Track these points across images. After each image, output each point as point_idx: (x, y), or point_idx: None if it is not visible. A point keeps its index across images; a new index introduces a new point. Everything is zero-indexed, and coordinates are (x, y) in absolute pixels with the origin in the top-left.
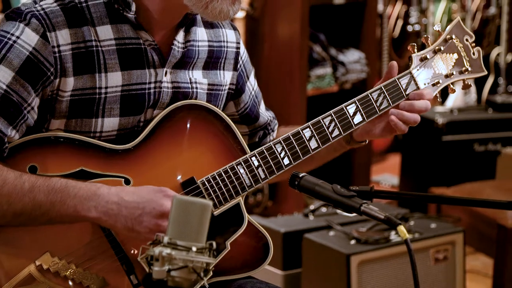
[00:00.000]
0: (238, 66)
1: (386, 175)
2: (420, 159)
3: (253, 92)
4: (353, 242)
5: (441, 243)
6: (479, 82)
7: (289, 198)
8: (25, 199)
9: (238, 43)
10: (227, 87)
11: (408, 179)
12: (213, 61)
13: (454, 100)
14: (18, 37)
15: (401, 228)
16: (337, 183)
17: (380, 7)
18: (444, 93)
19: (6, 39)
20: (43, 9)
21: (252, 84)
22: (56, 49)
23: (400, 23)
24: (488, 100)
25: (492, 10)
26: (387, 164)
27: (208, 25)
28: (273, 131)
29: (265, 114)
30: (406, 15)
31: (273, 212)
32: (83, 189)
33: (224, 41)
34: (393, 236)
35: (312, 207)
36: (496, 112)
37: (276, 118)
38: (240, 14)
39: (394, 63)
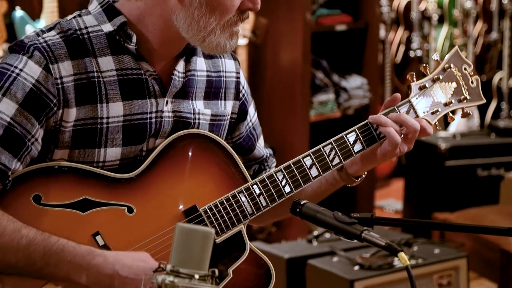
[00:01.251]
0: (241, 95)
1: (390, 200)
2: (423, 184)
3: (250, 124)
4: (356, 268)
5: (445, 268)
6: (482, 107)
7: (292, 224)
8: (19, 254)
9: (238, 72)
10: (229, 117)
11: (412, 204)
12: (213, 91)
13: (456, 125)
14: (21, 70)
15: (402, 255)
16: (341, 208)
17: (382, 33)
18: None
19: (9, 72)
20: (45, 41)
21: (250, 115)
22: (58, 81)
23: (402, 48)
24: (491, 125)
25: (494, 35)
26: (391, 189)
27: (208, 55)
28: (269, 168)
29: (262, 149)
30: (408, 41)
31: (277, 238)
32: (79, 255)
33: (222, 71)
34: (396, 262)
35: (315, 233)
36: (498, 137)
37: (274, 156)
38: (243, 42)
39: (398, 95)
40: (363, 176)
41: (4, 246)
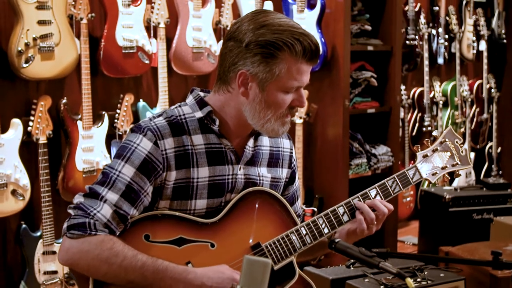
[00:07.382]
0: (292, 165)
1: (409, 236)
2: (433, 224)
3: (294, 187)
4: (382, 287)
5: None
6: (477, 168)
7: (336, 253)
8: (136, 273)
9: (291, 149)
10: (283, 180)
11: (425, 239)
12: (274, 161)
13: (458, 181)
14: (138, 144)
15: (408, 280)
16: (371, 243)
17: (402, 114)
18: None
19: (130, 146)
20: (155, 124)
21: (296, 181)
22: (163, 152)
23: (416, 125)
24: (483, 181)
25: (485, 115)
26: (410, 228)
27: None
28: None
29: (298, 207)
30: (421, 120)
31: (324, 263)
32: (178, 273)
33: (281, 147)
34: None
35: (352, 260)
36: (488, 190)
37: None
38: (300, 121)
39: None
40: None
41: (126, 267)
